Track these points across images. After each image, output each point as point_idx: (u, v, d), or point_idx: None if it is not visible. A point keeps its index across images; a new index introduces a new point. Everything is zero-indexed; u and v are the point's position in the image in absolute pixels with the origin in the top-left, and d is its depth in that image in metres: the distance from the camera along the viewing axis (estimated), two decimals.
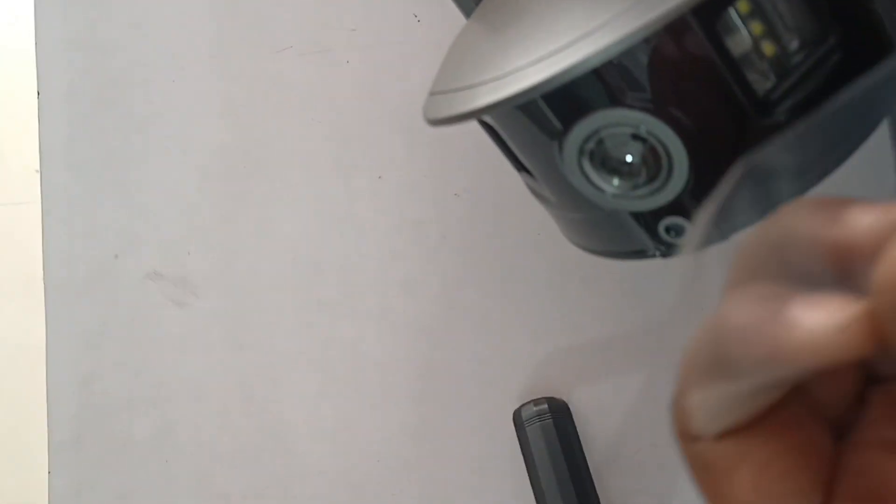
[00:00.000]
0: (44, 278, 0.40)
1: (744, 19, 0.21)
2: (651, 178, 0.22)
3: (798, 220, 0.15)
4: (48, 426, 0.40)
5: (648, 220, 0.24)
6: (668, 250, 0.24)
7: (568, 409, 0.37)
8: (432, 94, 0.25)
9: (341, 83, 0.40)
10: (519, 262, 0.39)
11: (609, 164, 0.23)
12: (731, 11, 0.21)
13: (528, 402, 0.37)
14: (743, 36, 0.21)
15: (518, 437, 0.37)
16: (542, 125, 0.23)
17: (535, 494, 0.36)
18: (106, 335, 0.40)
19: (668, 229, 0.23)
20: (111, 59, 0.41)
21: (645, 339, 0.38)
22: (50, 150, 0.41)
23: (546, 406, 0.36)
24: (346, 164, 0.40)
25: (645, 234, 0.24)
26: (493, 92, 0.21)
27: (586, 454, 0.37)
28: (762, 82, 0.21)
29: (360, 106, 0.40)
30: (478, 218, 0.39)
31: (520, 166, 0.27)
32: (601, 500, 0.36)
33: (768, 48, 0.21)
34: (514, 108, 0.23)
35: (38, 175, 0.41)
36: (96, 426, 0.39)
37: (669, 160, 0.22)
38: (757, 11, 0.21)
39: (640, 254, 0.25)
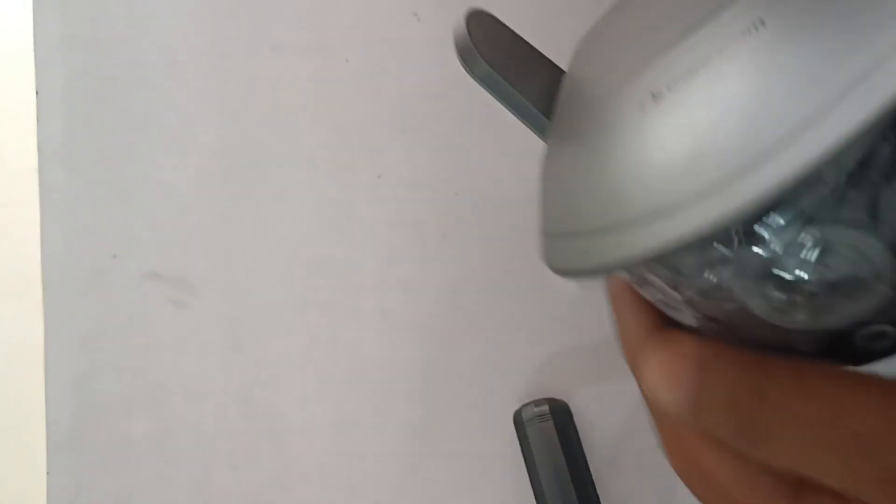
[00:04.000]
0: (42, 278, 0.40)
1: None
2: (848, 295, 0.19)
3: None
4: (46, 427, 0.39)
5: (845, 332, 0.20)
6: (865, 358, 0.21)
7: (568, 409, 0.37)
8: (551, 235, 0.21)
9: (341, 82, 0.40)
10: (519, 262, 0.38)
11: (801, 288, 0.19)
12: None
13: (529, 403, 0.37)
14: None
15: (518, 437, 0.37)
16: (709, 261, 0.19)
17: (535, 495, 0.36)
18: (104, 335, 0.40)
19: (871, 337, 0.20)
20: (109, 58, 0.41)
21: None
22: (48, 150, 0.41)
23: (546, 407, 0.36)
24: (345, 164, 0.40)
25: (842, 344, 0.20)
26: (651, 235, 0.17)
27: (587, 455, 0.36)
28: None
29: (360, 105, 0.40)
30: (478, 218, 0.39)
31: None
32: (601, 501, 0.36)
33: None
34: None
35: (37, 175, 0.41)
36: (95, 426, 0.39)
37: (875, 280, 0.18)
38: None
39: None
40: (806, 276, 0.19)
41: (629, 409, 0.37)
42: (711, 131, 0.17)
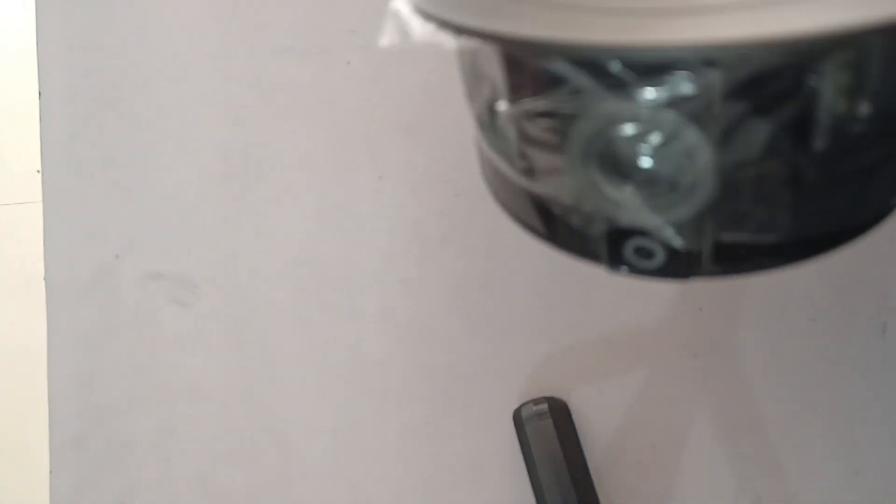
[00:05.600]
0: (45, 278, 0.40)
1: (841, 68, 0.17)
2: (669, 190, 0.19)
3: None
4: (49, 426, 0.40)
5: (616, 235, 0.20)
6: (627, 269, 0.21)
7: (568, 408, 0.37)
8: None
9: (342, 84, 0.40)
10: (519, 262, 0.39)
11: (622, 165, 0.19)
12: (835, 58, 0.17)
13: (528, 402, 0.37)
14: (831, 85, 0.17)
15: (518, 436, 0.37)
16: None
17: (534, 494, 0.36)
18: (107, 335, 0.40)
19: (638, 251, 0.20)
20: (112, 59, 0.41)
21: (645, 339, 0.38)
22: (51, 151, 0.41)
23: (546, 406, 0.36)
24: (346, 165, 0.40)
25: (606, 247, 0.20)
26: (534, 20, 0.17)
27: (586, 454, 0.37)
28: (825, 138, 0.18)
29: (360, 106, 0.40)
30: (478, 218, 0.39)
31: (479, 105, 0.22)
32: (601, 500, 0.36)
33: (847, 106, 0.18)
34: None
35: (40, 175, 0.41)
36: (97, 426, 0.39)
37: (692, 175, 0.18)
38: (858, 65, 0.17)
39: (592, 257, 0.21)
40: (636, 152, 0.18)
41: (628, 408, 0.38)
42: None
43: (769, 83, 0.17)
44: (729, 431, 0.37)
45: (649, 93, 0.17)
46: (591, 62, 0.17)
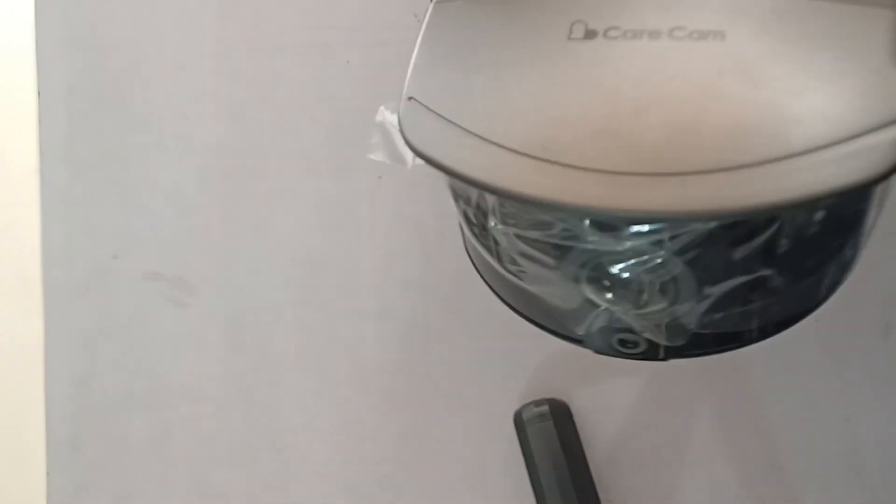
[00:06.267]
0: (42, 278, 0.40)
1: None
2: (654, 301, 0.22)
3: None
4: (46, 427, 0.40)
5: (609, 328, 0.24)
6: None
7: (569, 410, 0.37)
8: (411, 99, 0.21)
9: (341, 83, 0.40)
10: None
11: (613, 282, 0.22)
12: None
13: (529, 403, 0.37)
14: (788, 224, 0.20)
15: (519, 437, 0.37)
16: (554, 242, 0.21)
17: (535, 495, 0.36)
18: (104, 335, 0.40)
19: (622, 342, 0.24)
20: (111, 58, 0.41)
21: None
22: (49, 150, 0.41)
23: (547, 407, 0.36)
24: (345, 164, 0.40)
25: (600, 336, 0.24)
26: (517, 178, 0.19)
27: (587, 455, 0.36)
28: (783, 256, 0.21)
29: (360, 106, 0.40)
30: None
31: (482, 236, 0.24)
32: (601, 501, 0.36)
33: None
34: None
35: (38, 175, 0.41)
36: (95, 426, 0.39)
37: (676, 294, 0.21)
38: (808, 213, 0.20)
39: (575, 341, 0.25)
40: (623, 274, 0.21)
41: (629, 409, 0.37)
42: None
43: (732, 230, 0.20)
44: (729, 432, 0.37)
45: (634, 235, 0.19)
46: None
